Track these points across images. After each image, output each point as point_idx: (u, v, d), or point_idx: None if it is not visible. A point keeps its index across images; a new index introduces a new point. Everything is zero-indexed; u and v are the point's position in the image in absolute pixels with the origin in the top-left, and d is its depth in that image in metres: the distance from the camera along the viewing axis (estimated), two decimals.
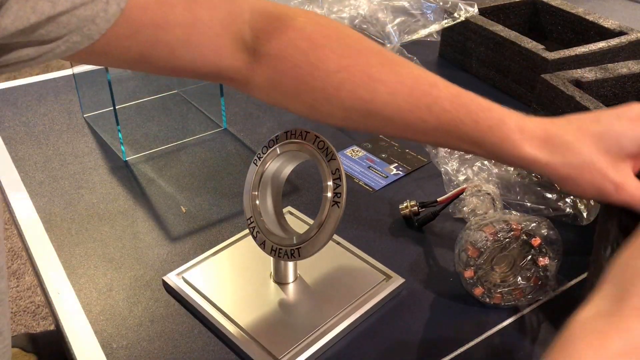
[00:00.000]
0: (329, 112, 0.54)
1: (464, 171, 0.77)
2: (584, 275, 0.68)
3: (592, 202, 0.73)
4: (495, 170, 0.77)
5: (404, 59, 0.55)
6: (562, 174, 0.50)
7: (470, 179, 0.75)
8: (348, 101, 0.52)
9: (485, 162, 0.77)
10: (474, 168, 0.76)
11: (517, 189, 0.75)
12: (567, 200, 0.74)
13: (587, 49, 0.96)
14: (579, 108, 0.74)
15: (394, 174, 0.85)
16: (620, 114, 0.51)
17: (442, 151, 0.79)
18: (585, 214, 0.73)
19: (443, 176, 0.78)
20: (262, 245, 0.62)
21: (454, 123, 0.51)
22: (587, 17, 1.08)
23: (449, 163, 0.78)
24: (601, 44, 0.97)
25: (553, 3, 1.14)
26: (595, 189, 0.50)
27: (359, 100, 0.52)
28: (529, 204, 0.74)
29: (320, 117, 0.54)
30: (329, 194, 0.58)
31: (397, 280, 0.66)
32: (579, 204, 0.74)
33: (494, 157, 0.53)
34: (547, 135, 0.50)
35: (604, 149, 0.50)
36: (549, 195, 0.74)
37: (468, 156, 0.78)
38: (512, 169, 0.78)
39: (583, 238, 0.73)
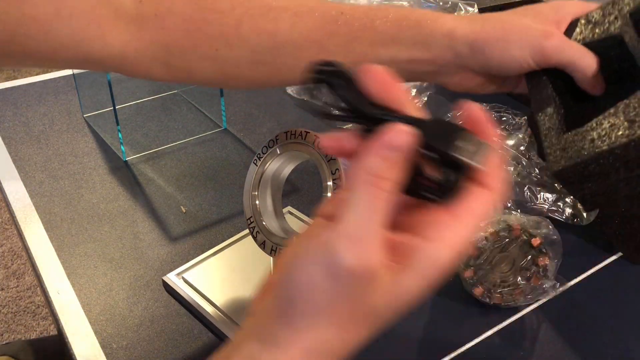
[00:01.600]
0: (235, 60, 0.50)
1: None
2: (585, 275, 0.68)
3: None
4: None
5: None
6: (485, 38, 0.49)
7: None
8: (252, 37, 0.49)
9: None
10: None
11: (517, 189, 0.75)
12: (567, 200, 0.74)
13: None
14: None
15: None
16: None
17: None
18: (585, 214, 0.73)
19: None
20: (262, 245, 0.62)
21: (366, 26, 0.49)
22: None
23: None
24: None
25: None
26: (523, 43, 0.49)
27: (263, 33, 0.49)
28: (529, 204, 0.74)
29: (228, 69, 0.50)
30: (329, 194, 0.58)
31: None
32: (579, 204, 0.73)
33: (414, 49, 0.50)
34: (469, 17, 0.51)
35: (522, 14, 0.50)
36: (549, 195, 0.74)
37: None
38: (512, 168, 0.78)
39: (583, 238, 0.73)
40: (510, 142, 0.82)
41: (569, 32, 0.56)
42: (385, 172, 0.30)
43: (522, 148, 0.81)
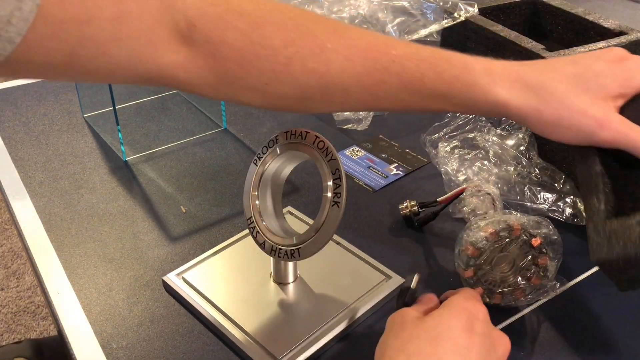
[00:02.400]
0: (283, 94, 0.50)
1: (464, 171, 0.77)
2: (585, 275, 0.68)
3: None
4: (495, 170, 0.77)
5: (351, 25, 0.51)
6: (539, 118, 0.47)
7: (470, 179, 0.75)
8: (302, 77, 0.49)
9: (485, 162, 0.77)
10: (473, 168, 0.76)
11: (517, 189, 0.75)
12: (567, 200, 0.74)
13: (587, 49, 0.96)
14: None
15: (394, 174, 0.85)
16: (598, 56, 0.49)
17: (442, 151, 0.79)
18: (581, 210, 0.73)
19: (443, 176, 0.78)
20: (262, 245, 0.62)
21: (416, 79, 0.48)
22: (587, 17, 1.08)
23: (449, 163, 0.78)
24: (601, 44, 0.97)
25: (553, 3, 1.13)
26: (577, 131, 0.47)
27: (313, 73, 0.49)
28: (529, 204, 0.74)
29: (276, 102, 0.51)
30: (329, 194, 0.58)
31: (397, 280, 0.66)
32: (579, 204, 0.74)
33: (465, 109, 0.50)
34: (519, 76, 0.47)
35: (583, 88, 0.47)
36: (549, 195, 0.74)
37: (468, 156, 0.78)
38: (512, 168, 0.78)
39: (583, 238, 0.73)
40: (510, 142, 0.82)
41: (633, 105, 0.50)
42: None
43: (522, 148, 0.81)
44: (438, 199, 0.74)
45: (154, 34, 0.47)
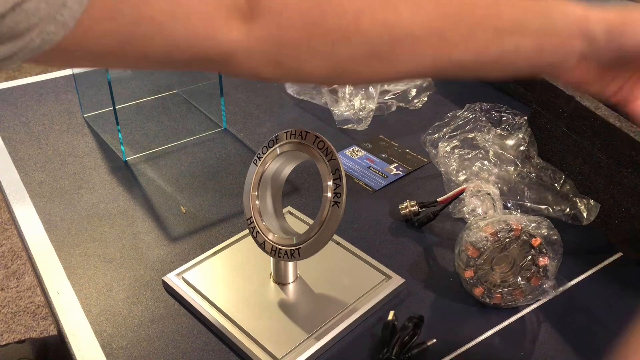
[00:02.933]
0: (351, 56, 0.47)
1: (464, 171, 0.77)
2: (584, 276, 0.68)
3: (591, 202, 0.73)
4: (495, 170, 0.77)
5: None
6: (626, 20, 0.47)
7: (470, 179, 0.75)
8: (372, 31, 0.46)
9: (485, 162, 0.77)
10: (473, 168, 0.76)
11: (517, 189, 0.75)
12: (567, 200, 0.74)
13: None
14: (578, 107, 0.74)
15: (394, 174, 0.85)
16: None
17: (442, 151, 0.79)
18: (585, 214, 0.73)
19: (443, 176, 0.78)
20: (262, 245, 0.62)
21: (492, 13, 0.47)
22: None
23: (449, 163, 0.78)
24: None
25: None
26: None
27: (384, 25, 0.46)
28: (529, 204, 0.74)
29: (342, 66, 0.48)
30: (329, 194, 0.58)
31: (397, 280, 0.66)
32: (579, 204, 0.74)
33: (543, 38, 0.48)
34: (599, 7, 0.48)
35: None
36: (549, 196, 0.74)
37: (468, 156, 0.78)
38: (512, 168, 0.78)
39: (583, 238, 0.73)
40: (510, 142, 0.82)
41: None
42: None
43: (522, 148, 0.81)
44: (438, 199, 0.74)
45: (211, 11, 0.46)
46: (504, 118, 0.85)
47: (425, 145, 0.84)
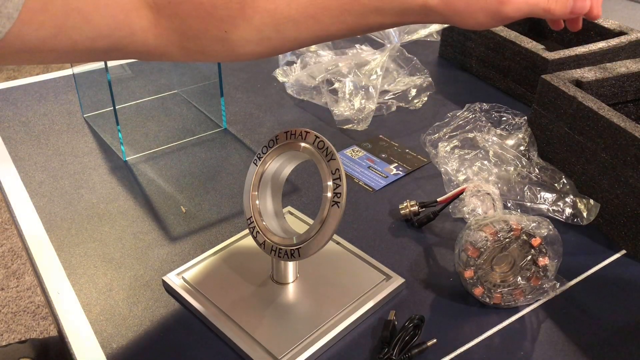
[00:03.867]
0: (243, 40, 0.55)
1: (464, 171, 0.77)
2: (584, 275, 0.68)
3: (591, 202, 0.73)
4: (495, 170, 0.77)
5: None
6: (456, 9, 0.56)
7: (470, 179, 0.75)
8: (255, 17, 0.54)
9: (485, 162, 0.77)
10: (473, 168, 0.76)
11: (517, 189, 0.75)
12: (567, 200, 0.74)
13: (587, 49, 0.96)
14: (580, 108, 0.74)
15: (394, 174, 0.85)
16: None
17: (442, 151, 0.79)
18: (585, 214, 0.73)
19: (443, 176, 0.78)
20: (262, 245, 0.62)
21: (354, 1, 0.55)
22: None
23: (449, 163, 0.78)
24: (601, 44, 0.97)
25: None
26: (485, 12, 0.56)
27: (265, 12, 0.54)
28: (529, 204, 0.74)
29: (239, 49, 0.55)
30: (329, 194, 0.58)
31: (397, 280, 0.66)
32: (579, 204, 0.74)
33: (399, 18, 0.57)
34: None
35: None
36: (549, 195, 0.74)
37: (468, 156, 0.78)
38: (512, 168, 0.78)
39: (583, 238, 0.73)
40: (510, 142, 0.82)
41: None
42: None
43: (522, 148, 0.81)
44: (438, 199, 0.74)
45: (126, 1, 0.52)
46: (504, 118, 0.85)
47: (425, 145, 0.84)
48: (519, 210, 0.74)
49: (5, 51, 0.47)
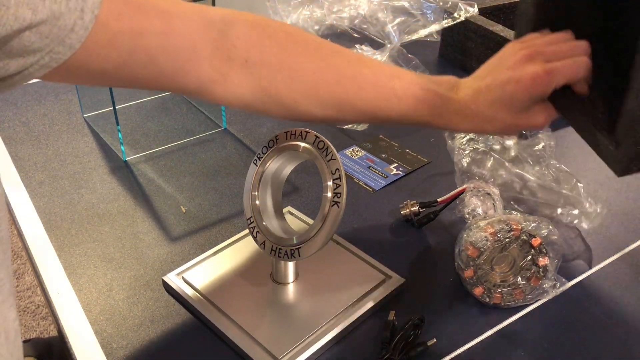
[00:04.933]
0: (308, 112, 0.58)
1: (477, 165, 0.76)
2: (584, 276, 0.68)
3: (598, 209, 0.73)
4: (509, 167, 0.77)
5: (366, 57, 0.63)
6: (492, 133, 0.68)
7: (482, 174, 0.75)
8: (325, 97, 0.58)
9: (499, 158, 0.77)
10: (487, 163, 0.76)
11: (518, 189, 0.75)
12: (568, 201, 0.74)
13: None
14: None
15: (394, 174, 0.85)
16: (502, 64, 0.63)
17: (458, 143, 0.79)
18: (590, 219, 0.73)
19: (455, 168, 0.78)
20: (262, 245, 0.62)
21: (409, 111, 0.60)
22: None
23: (463, 155, 0.77)
24: None
25: None
26: (514, 132, 0.62)
27: (334, 96, 0.58)
28: (529, 204, 0.74)
29: (299, 118, 0.59)
30: (329, 194, 0.58)
31: (397, 280, 0.66)
32: (586, 208, 0.73)
33: (431, 127, 0.62)
34: (469, 111, 0.60)
35: (507, 110, 0.60)
36: (550, 196, 0.74)
37: (481, 150, 0.78)
38: (526, 167, 0.78)
39: (582, 238, 0.73)
40: (527, 141, 0.81)
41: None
42: None
43: (539, 148, 0.80)
44: (438, 199, 0.74)
45: (197, 50, 0.54)
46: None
47: (445, 136, 0.84)
48: (519, 210, 0.74)
49: (68, 74, 0.49)
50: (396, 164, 0.87)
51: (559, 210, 0.73)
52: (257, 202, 0.63)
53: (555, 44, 0.60)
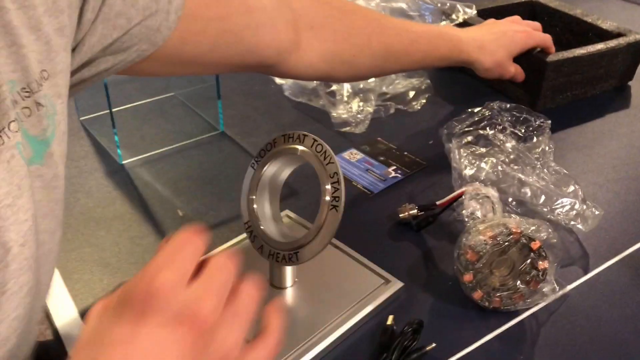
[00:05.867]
0: (364, 64, 0.73)
1: (475, 168, 0.76)
2: (584, 279, 0.68)
3: (595, 211, 0.73)
4: (507, 170, 0.76)
5: (397, 19, 0.84)
6: (486, 67, 0.89)
7: (478, 176, 0.75)
8: (376, 48, 0.73)
9: (497, 161, 0.77)
10: (484, 165, 0.75)
11: (518, 192, 0.75)
12: (568, 203, 0.73)
13: (585, 51, 0.96)
14: None
15: (393, 177, 0.85)
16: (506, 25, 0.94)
17: (455, 146, 0.78)
18: (588, 221, 0.72)
19: (453, 171, 0.77)
20: (259, 249, 0.62)
21: (432, 50, 0.82)
22: (585, 18, 1.07)
23: (460, 158, 0.77)
24: (599, 46, 0.97)
25: (551, 5, 1.13)
26: (499, 73, 0.92)
27: (383, 45, 0.73)
28: (528, 207, 0.74)
29: (357, 72, 0.74)
30: (327, 198, 0.57)
31: (396, 284, 0.65)
32: (585, 211, 0.73)
33: (448, 64, 0.86)
34: (480, 43, 0.87)
35: (506, 50, 0.90)
36: (549, 198, 0.74)
37: (478, 152, 0.77)
38: (524, 169, 0.77)
39: (583, 242, 0.73)
40: (526, 144, 0.81)
41: None
42: None
43: (538, 150, 0.80)
44: (437, 202, 0.74)
45: (275, 23, 0.62)
46: (522, 119, 0.84)
47: (442, 139, 0.83)
48: (518, 213, 0.74)
49: (161, 61, 0.54)
50: (394, 167, 0.87)
51: (558, 213, 0.73)
52: (255, 205, 0.63)
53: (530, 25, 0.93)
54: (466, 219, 0.69)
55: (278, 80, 1.09)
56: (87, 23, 0.45)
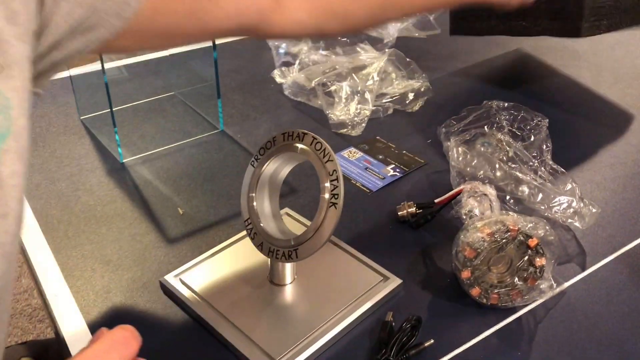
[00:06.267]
0: (356, 15, 0.65)
1: (473, 166, 0.76)
2: (581, 276, 0.68)
3: (592, 209, 0.73)
4: (505, 168, 0.77)
5: None
6: None
7: (476, 175, 0.75)
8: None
9: (495, 159, 0.77)
10: (483, 164, 0.76)
11: (515, 190, 0.76)
12: (566, 201, 0.74)
13: None
14: None
15: (391, 175, 0.85)
16: None
17: (453, 144, 0.79)
18: (586, 219, 0.73)
19: (451, 169, 0.78)
20: (259, 246, 0.62)
21: None
22: None
23: (459, 156, 0.77)
24: None
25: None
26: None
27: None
28: (526, 205, 0.75)
29: (349, 23, 0.66)
30: (327, 196, 0.58)
31: (395, 281, 0.66)
32: (582, 209, 0.74)
33: (443, 7, 0.83)
34: None
35: None
36: (546, 196, 0.74)
37: (477, 150, 0.78)
38: (521, 167, 0.78)
39: (580, 239, 0.73)
40: (524, 142, 0.81)
41: None
42: None
43: (535, 147, 0.81)
44: (435, 200, 0.74)
45: None
46: (520, 117, 0.85)
47: (440, 137, 0.84)
48: (516, 211, 0.74)
49: (135, 35, 0.51)
50: (393, 165, 0.87)
51: (555, 211, 0.73)
52: (255, 203, 0.63)
53: None
54: (464, 217, 0.70)
55: (278, 79, 1.10)
56: (49, 2, 0.43)
